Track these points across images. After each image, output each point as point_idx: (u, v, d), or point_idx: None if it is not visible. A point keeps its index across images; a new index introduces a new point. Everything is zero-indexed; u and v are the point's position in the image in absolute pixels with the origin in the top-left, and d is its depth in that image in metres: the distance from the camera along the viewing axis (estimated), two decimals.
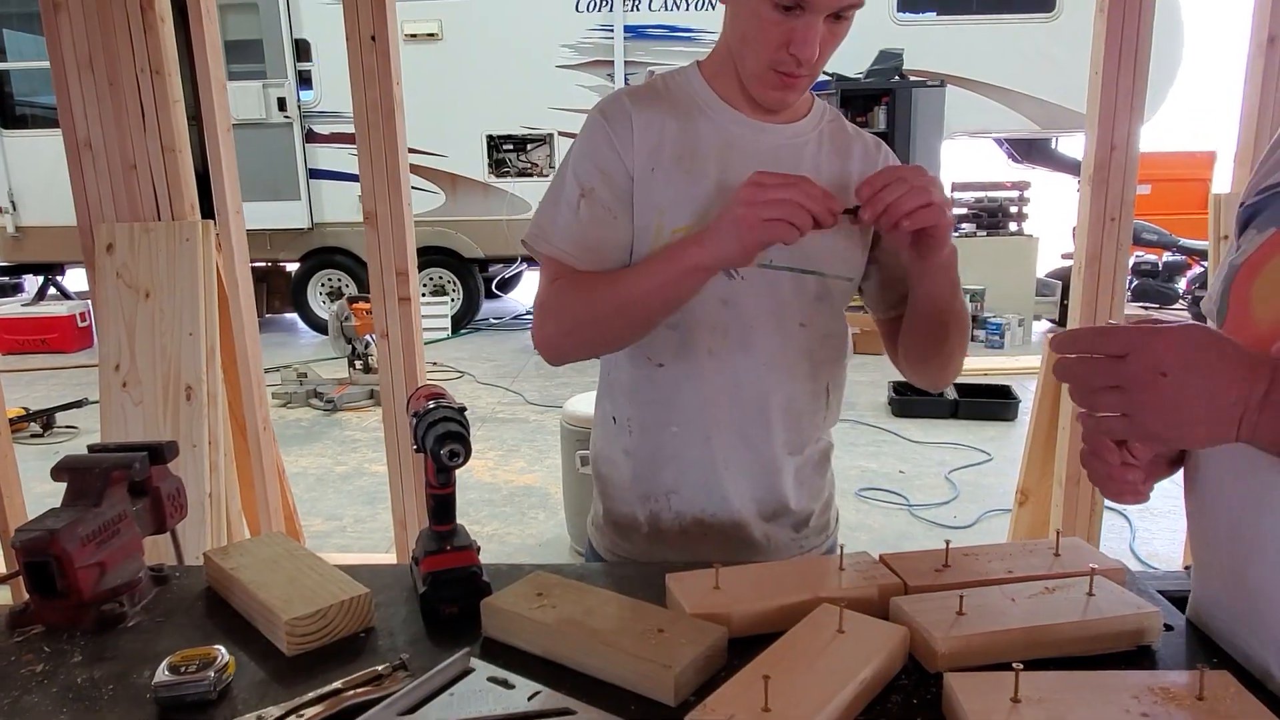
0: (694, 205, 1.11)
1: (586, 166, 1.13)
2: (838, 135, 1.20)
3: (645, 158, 1.12)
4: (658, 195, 1.12)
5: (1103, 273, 2.38)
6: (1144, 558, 3.41)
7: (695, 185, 1.11)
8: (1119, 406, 0.68)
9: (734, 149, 1.13)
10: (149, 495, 1.05)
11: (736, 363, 1.16)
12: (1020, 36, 7.50)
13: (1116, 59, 2.27)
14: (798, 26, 1.02)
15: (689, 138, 1.13)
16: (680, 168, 1.12)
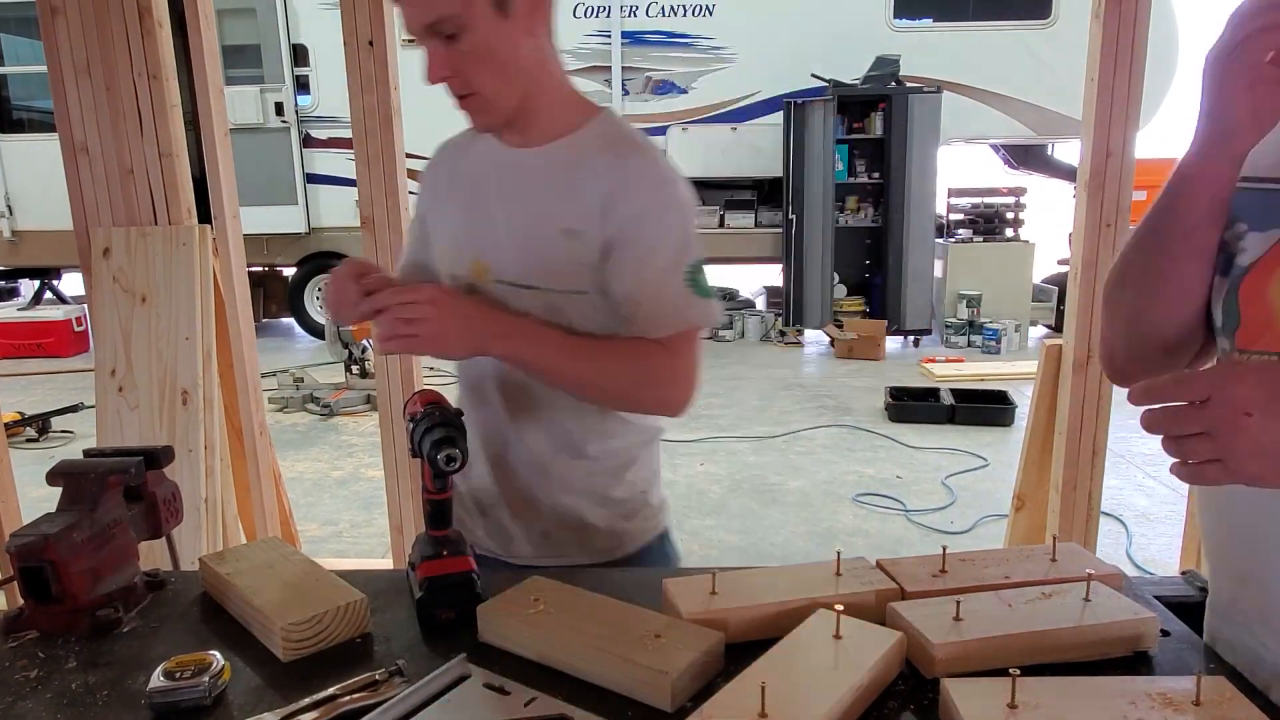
0: (447, 226, 1.27)
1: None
2: (592, 152, 1.14)
3: (432, 191, 1.30)
4: (435, 221, 1.29)
5: (1099, 279, 2.39)
6: (1140, 563, 3.41)
7: (451, 208, 1.26)
8: (1211, 453, 0.66)
9: (489, 173, 1.22)
10: (144, 500, 1.05)
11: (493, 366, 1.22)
12: (1016, 43, 7.52)
13: (1112, 65, 2.27)
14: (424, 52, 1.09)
15: (461, 168, 1.26)
16: (445, 195, 1.27)
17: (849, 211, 7.66)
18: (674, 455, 4.68)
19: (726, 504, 4.09)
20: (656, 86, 7.83)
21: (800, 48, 7.56)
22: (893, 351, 7.41)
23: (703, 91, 7.81)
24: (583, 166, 1.14)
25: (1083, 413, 2.45)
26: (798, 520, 3.89)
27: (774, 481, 4.37)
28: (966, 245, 7.67)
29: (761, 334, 7.98)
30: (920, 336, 7.63)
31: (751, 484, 4.34)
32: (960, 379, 6.22)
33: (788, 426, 5.27)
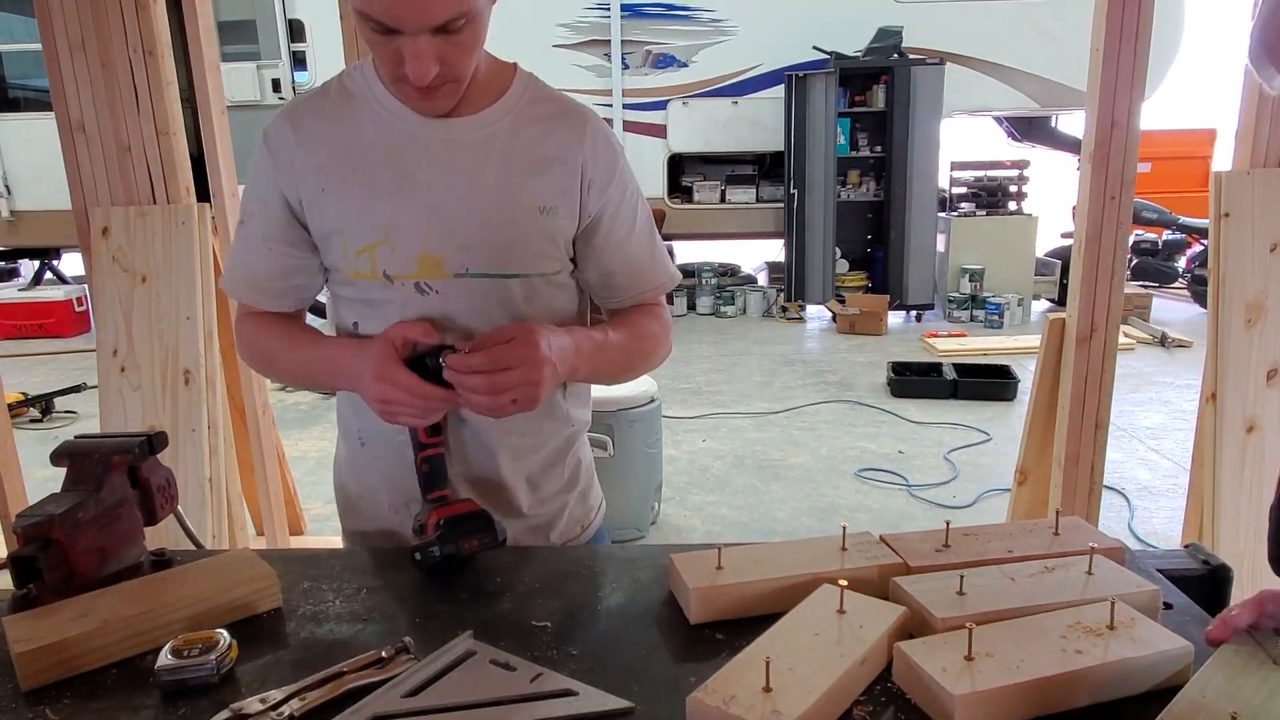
0: (374, 221, 1.06)
1: (248, 196, 1.12)
2: (535, 119, 1.09)
3: (312, 178, 1.06)
4: (334, 214, 1.07)
5: (1102, 252, 2.37)
6: (1143, 536, 3.43)
7: (373, 199, 1.05)
8: None
9: (409, 151, 1.06)
10: (139, 487, 1.04)
11: None
12: (1020, 13, 7.44)
13: (1117, 36, 2.25)
14: (404, 45, 0.94)
15: (359, 148, 1.06)
16: (352, 181, 1.06)
17: (851, 185, 7.62)
18: (676, 432, 4.69)
19: (729, 480, 4.11)
20: (656, 60, 7.76)
21: (802, 20, 7.48)
22: (895, 326, 7.40)
23: (703, 65, 7.74)
24: (545, 138, 1.08)
25: (1085, 387, 2.45)
26: (800, 496, 3.91)
27: (776, 457, 4.38)
28: (969, 219, 7.63)
29: (763, 309, 7.97)
30: (922, 311, 7.62)
31: (754, 460, 4.35)
32: (962, 353, 6.21)
33: (790, 402, 5.28)
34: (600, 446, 3.36)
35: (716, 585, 0.90)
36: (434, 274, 1.07)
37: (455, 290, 1.08)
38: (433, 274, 1.07)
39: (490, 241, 1.07)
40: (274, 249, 1.11)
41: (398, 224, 1.05)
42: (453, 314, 1.09)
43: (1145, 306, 7.18)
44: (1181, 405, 5.01)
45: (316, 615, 0.93)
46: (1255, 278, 2.28)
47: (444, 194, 1.06)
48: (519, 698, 0.77)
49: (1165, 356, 6.20)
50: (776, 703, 0.69)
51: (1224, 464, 2.27)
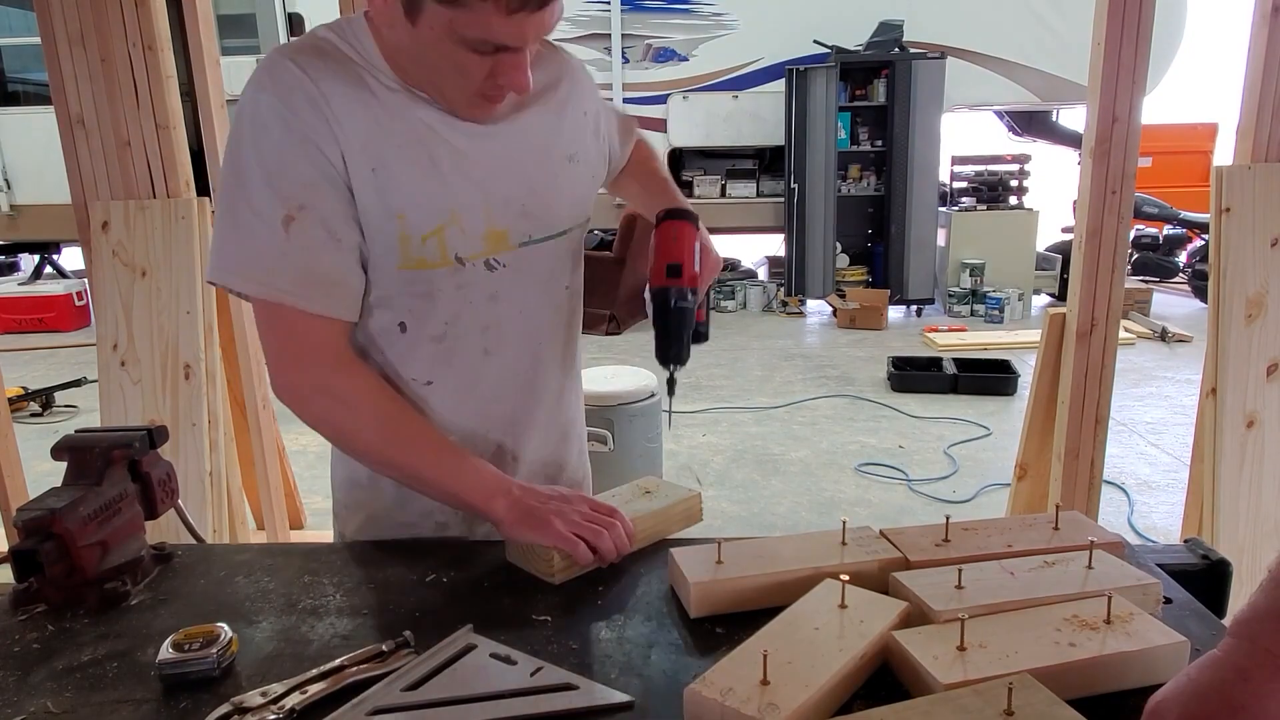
0: (438, 202, 0.99)
1: (284, 177, 0.93)
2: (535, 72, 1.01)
3: (358, 157, 0.95)
4: (390, 199, 0.96)
5: (1103, 246, 2.37)
6: (1142, 531, 3.43)
7: (431, 178, 0.98)
8: None
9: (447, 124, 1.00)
10: (140, 481, 1.05)
11: (512, 352, 1.10)
12: (1021, 7, 7.42)
13: (1119, 30, 2.24)
14: (502, 59, 0.91)
15: (396, 123, 0.97)
16: (405, 160, 0.97)
17: (851, 180, 7.61)
18: (676, 426, 4.69)
19: (729, 474, 4.11)
20: (657, 54, 7.74)
21: (802, 14, 7.47)
22: (895, 321, 7.40)
23: (704, 59, 7.72)
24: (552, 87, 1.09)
25: (1085, 381, 2.45)
26: (800, 490, 3.91)
27: (776, 452, 4.39)
28: (970, 213, 7.63)
29: (763, 304, 7.97)
30: (923, 306, 7.62)
31: (754, 454, 4.36)
32: (963, 348, 6.21)
33: (790, 397, 5.28)
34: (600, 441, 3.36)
35: (716, 579, 0.90)
36: (501, 248, 1.04)
37: (519, 260, 1.07)
38: (500, 248, 1.04)
39: (542, 203, 1.07)
40: (344, 241, 0.97)
41: (462, 201, 1.00)
42: (516, 285, 1.07)
43: (1146, 301, 7.18)
44: (1181, 400, 5.01)
45: (317, 609, 0.94)
46: (1256, 272, 2.28)
47: (494, 164, 1.02)
48: (519, 691, 0.77)
49: (1165, 351, 6.20)
50: (773, 695, 0.69)
51: (1224, 459, 2.27)
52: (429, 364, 1.06)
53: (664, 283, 1.07)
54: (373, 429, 1.01)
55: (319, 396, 1.00)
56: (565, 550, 0.95)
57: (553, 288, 1.13)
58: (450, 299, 1.04)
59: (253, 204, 0.93)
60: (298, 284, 0.95)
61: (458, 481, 1.01)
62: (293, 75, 0.93)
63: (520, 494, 1.00)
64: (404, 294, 1.03)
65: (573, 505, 0.99)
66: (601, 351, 5.86)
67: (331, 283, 0.97)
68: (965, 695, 0.69)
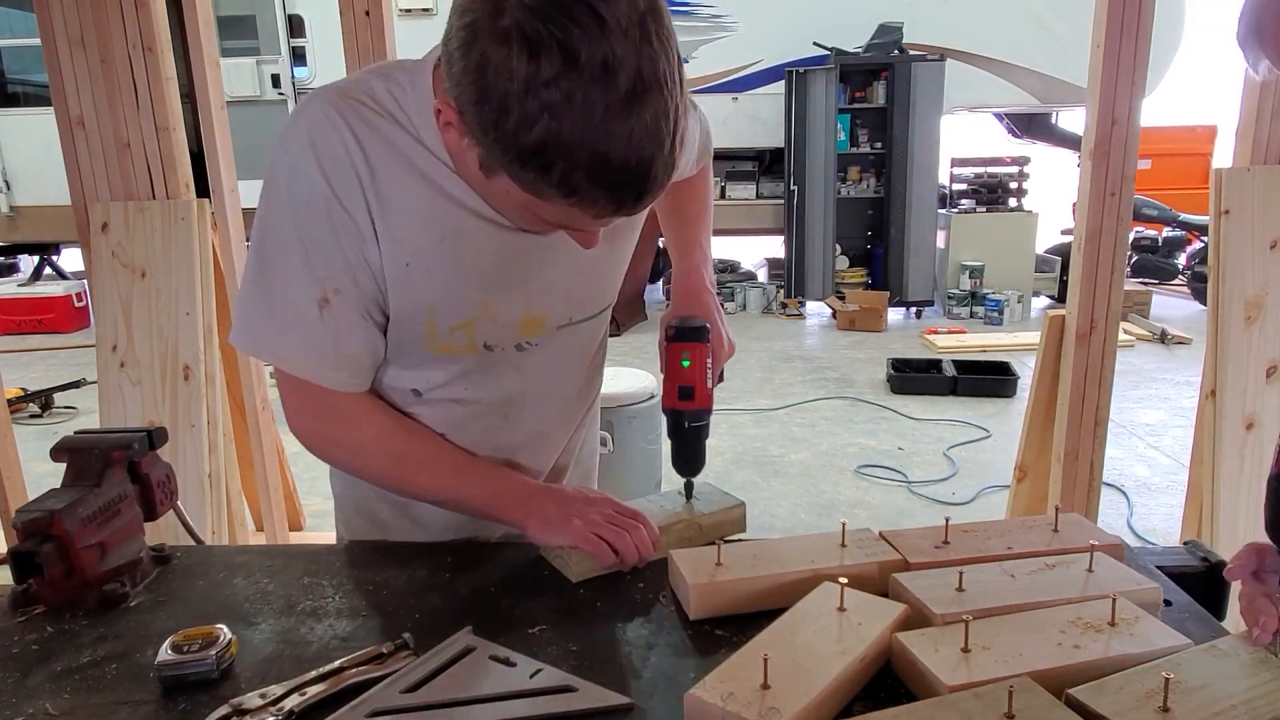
0: (470, 296, 0.96)
1: (324, 258, 0.89)
2: None
3: (393, 250, 0.91)
4: (421, 293, 0.93)
5: (1103, 248, 2.37)
6: (1142, 533, 3.43)
7: (466, 274, 0.94)
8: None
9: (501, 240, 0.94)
10: (139, 482, 1.04)
11: (532, 417, 1.10)
12: (1021, 9, 7.43)
13: (1118, 32, 2.24)
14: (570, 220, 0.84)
15: (438, 213, 0.91)
16: (442, 255, 0.92)
17: (851, 182, 7.61)
18: None
19: (729, 476, 4.11)
20: None
21: (802, 15, 7.47)
22: (895, 323, 7.40)
23: (703, 61, 7.72)
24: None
25: (1085, 383, 2.45)
26: (800, 492, 3.91)
27: (776, 454, 4.38)
28: (969, 215, 7.63)
29: (763, 306, 7.97)
30: (922, 308, 7.62)
31: (753, 456, 4.35)
32: (962, 350, 6.21)
33: (789, 398, 5.28)
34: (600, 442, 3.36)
35: (716, 581, 0.90)
36: (536, 333, 1.02)
37: (553, 340, 1.05)
38: (534, 333, 1.02)
39: (590, 285, 1.05)
40: (371, 321, 0.95)
41: (497, 295, 0.96)
42: (545, 360, 1.07)
43: (1145, 303, 7.18)
44: (1181, 402, 5.01)
45: (316, 611, 0.94)
46: (1255, 274, 2.28)
47: (544, 253, 0.96)
48: (518, 693, 0.77)
49: (1165, 353, 6.20)
50: (774, 699, 0.69)
51: (1223, 461, 2.27)
52: (445, 423, 1.05)
53: (676, 405, 1.08)
54: (389, 472, 1.03)
55: (332, 447, 1.03)
56: (587, 550, 0.96)
57: (585, 355, 1.13)
58: (471, 376, 1.03)
59: (289, 280, 0.91)
60: (324, 365, 0.95)
61: (481, 498, 1.03)
62: (343, 146, 0.87)
63: (542, 499, 1.01)
64: (423, 368, 1.02)
65: (596, 507, 0.99)
66: None
67: (356, 363, 0.97)
68: (965, 698, 0.69)
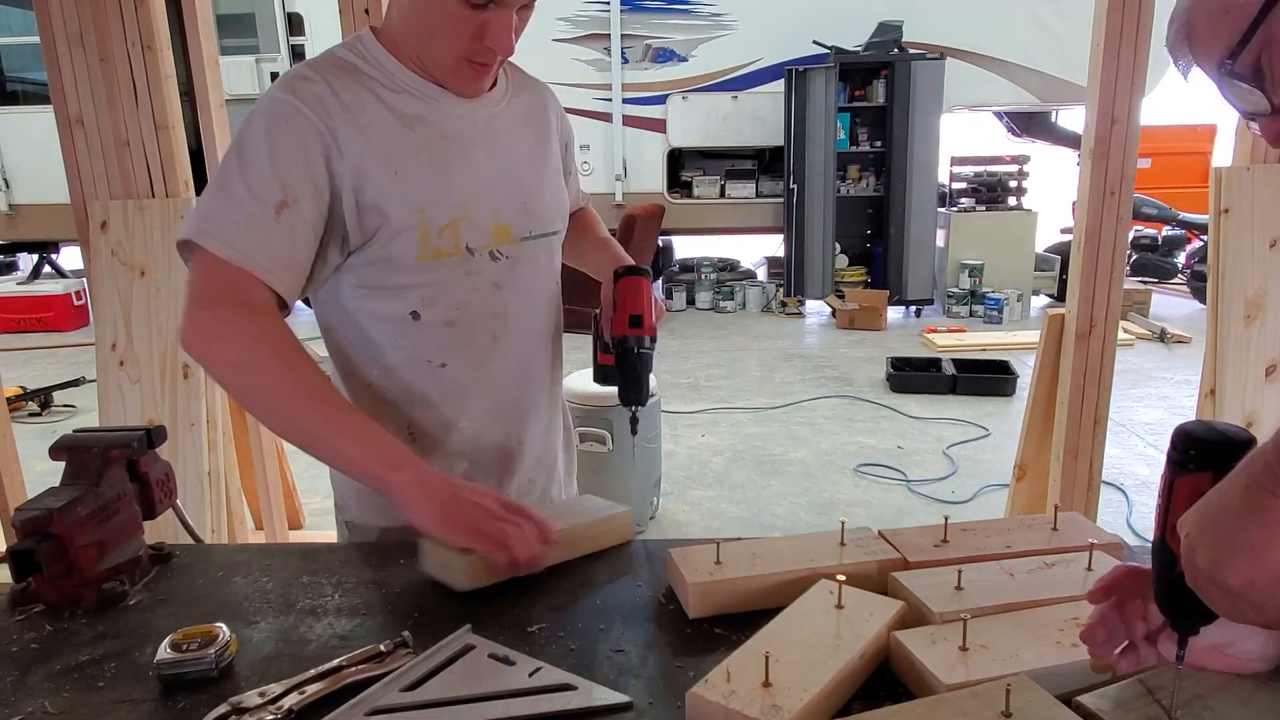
0: (453, 197, 1.09)
1: (292, 169, 0.99)
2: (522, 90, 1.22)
3: (379, 162, 1.04)
4: (412, 196, 1.06)
5: (1102, 247, 2.37)
6: (1140, 532, 3.43)
7: (447, 176, 1.09)
8: None
9: (460, 128, 1.11)
10: (138, 481, 1.04)
11: (515, 339, 1.19)
12: (1021, 8, 7.43)
13: (1118, 31, 2.24)
14: (490, 19, 1.01)
15: (414, 127, 1.07)
16: (424, 161, 1.07)
17: (850, 180, 7.61)
18: (675, 427, 4.69)
19: (728, 475, 4.11)
20: (656, 54, 7.74)
21: (802, 14, 7.47)
22: (894, 321, 7.40)
23: (703, 59, 7.72)
24: (537, 109, 1.23)
25: (1084, 382, 2.45)
26: (799, 491, 3.91)
27: (775, 452, 4.38)
28: (969, 214, 7.63)
29: (762, 305, 7.97)
30: (922, 306, 7.62)
31: (753, 455, 4.36)
32: (962, 349, 6.21)
33: (789, 397, 5.28)
34: (599, 441, 3.36)
35: (715, 580, 0.90)
36: (504, 240, 1.15)
37: (519, 252, 1.17)
38: (504, 240, 1.14)
39: (540, 203, 1.19)
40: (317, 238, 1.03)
41: (473, 197, 1.11)
42: (517, 274, 1.17)
43: (1145, 302, 7.18)
44: (1180, 401, 5.01)
45: (315, 609, 0.94)
46: (1255, 273, 2.28)
47: (499, 165, 1.14)
48: (518, 691, 0.77)
49: (1164, 352, 6.21)
50: (776, 697, 0.69)
51: None
52: (442, 348, 1.13)
53: (627, 331, 1.18)
54: (276, 371, 0.97)
55: (229, 330, 0.96)
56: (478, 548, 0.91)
57: (547, 280, 1.25)
58: (460, 286, 1.12)
59: (250, 182, 0.99)
60: (271, 261, 0.99)
61: (360, 445, 0.96)
62: (319, 85, 1.03)
63: (430, 476, 0.96)
64: (418, 284, 1.10)
65: (486, 498, 0.95)
66: None
67: (297, 269, 1.02)
68: (963, 697, 0.69)
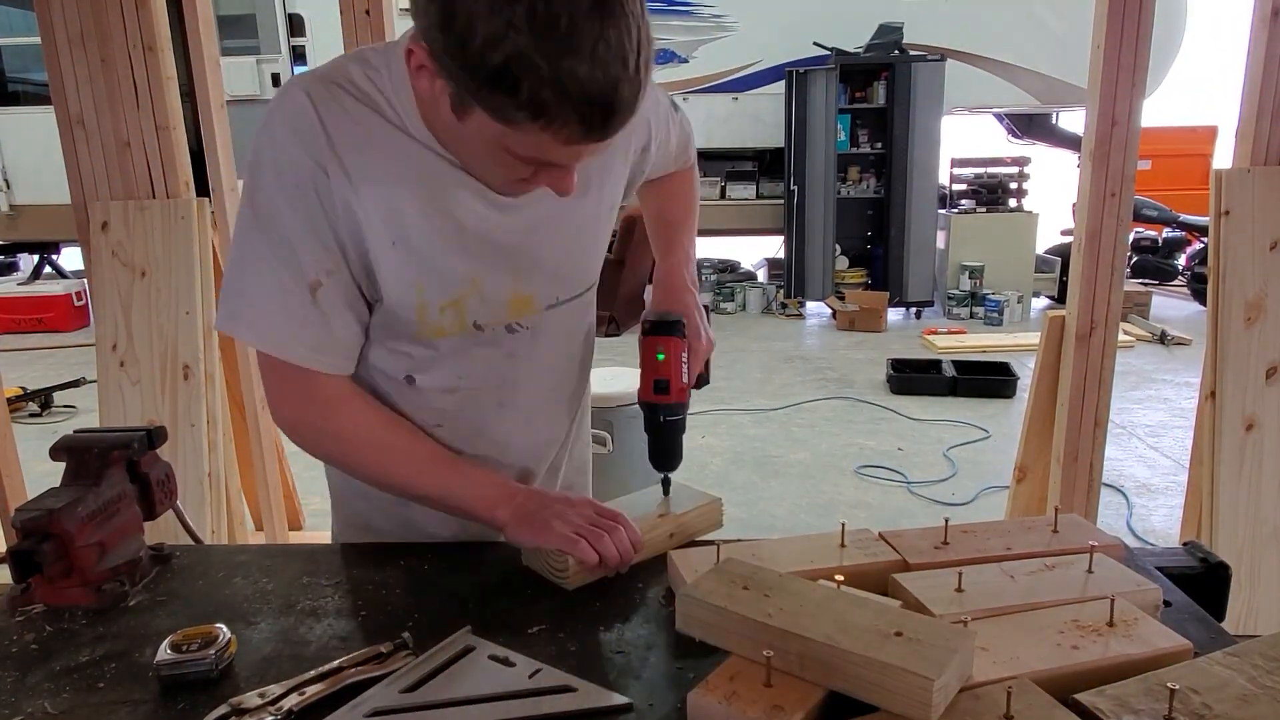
0: (458, 273, 0.96)
1: (315, 242, 0.90)
2: None
3: (379, 230, 0.91)
4: (409, 271, 0.94)
5: (1103, 249, 2.37)
6: (1141, 534, 3.43)
7: (452, 249, 0.95)
8: None
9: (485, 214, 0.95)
10: (138, 482, 1.04)
11: (526, 404, 1.10)
12: (1021, 9, 7.43)
13: (1118, 32, 2.24)
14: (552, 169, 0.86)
15: (421, 189, 0.92)
16: (427, 231, 0.93)
17: (851, 182, 7.61)
18: None
19: (728, 476, 4.11)
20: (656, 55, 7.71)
21: (802, 15, 7.48)
22: (894, 323, 7.40)
23: (703, 60, 7.73)
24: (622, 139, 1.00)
25: (1085, 384, 2.45)
26: (799, 492, 3.91)
27: (775, 454, 4.38)
28: (969, 216, 7.63)
29: (763, 306, 7.97)
30: (922, 308, 7.62)
31: (753, 456, 4.35)
32: (962, 350, 6.21)
33: (789, 399, 5.28)
34: (600, 443, 3.36)
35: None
36: (526, 312, 1.03)
37: (543, 322, 1.06)
38: (525, 312, 1.03)
39: (575, 263, 1.06)
40: (356, 310, 0.96)
41: (484, 270, 0.97)
42: (537, 344, 1.07)
43: (1145, 304, 7.18)
44: (1180, 403, 5.01)
45: (316, 610, 0.93)
46: (1255, 276, 2.28)
47: (528, 228, 0.98)
48: (517, 693, 0.77)
49: (1165, 354, 6.20)
50: (777, 698, 0.69)
51: (1223, 462, 2.27)
52: (439, 412, 1.05)
53: (652, 399, 1.09)
54: (372, 462, 1.01)
55: (318, 436, 1.01)
56: (569, 551, 0.94)
57: (573, 341, 1.14)
58: (464, 357, 1.03)
59: (279, 262, 0.91)
60: (314, 349, 0.94)
61: (461, 496, 1.01)
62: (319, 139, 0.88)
63: (524, 499, 1.00)
64: (415, 354, 1.02)
65: (576, 509, 0.98)
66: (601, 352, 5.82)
67: (345, 347, 0.97)
68: (964, 699, 0.69)
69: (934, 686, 0.65)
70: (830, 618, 0.74)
